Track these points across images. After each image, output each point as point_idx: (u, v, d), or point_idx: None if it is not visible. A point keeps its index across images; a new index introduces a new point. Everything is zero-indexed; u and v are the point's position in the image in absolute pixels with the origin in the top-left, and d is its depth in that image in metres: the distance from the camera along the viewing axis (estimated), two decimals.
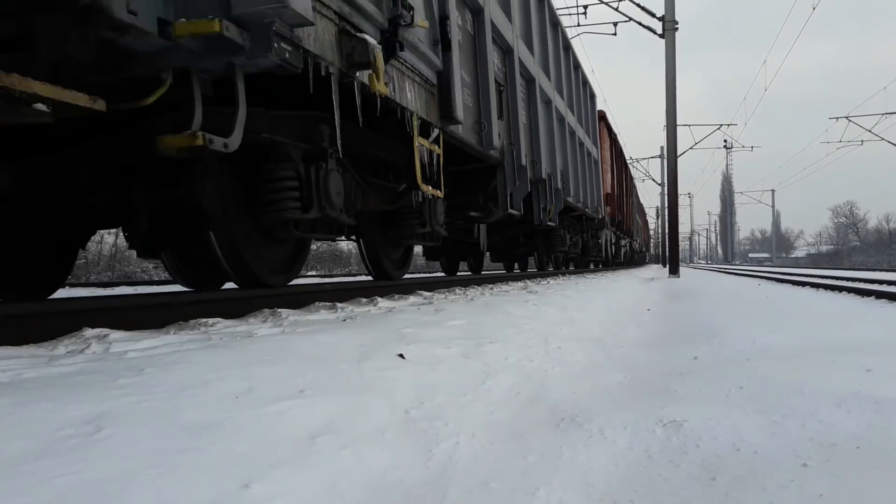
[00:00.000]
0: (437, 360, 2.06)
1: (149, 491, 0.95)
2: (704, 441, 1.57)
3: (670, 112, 14.63)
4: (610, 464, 1.48)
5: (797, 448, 1.48)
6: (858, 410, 1.70)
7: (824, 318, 4.24)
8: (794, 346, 2.90)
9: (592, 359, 2.91)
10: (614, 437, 1.64)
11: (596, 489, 1.35)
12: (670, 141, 14.87)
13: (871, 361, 2.34)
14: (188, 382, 1.35)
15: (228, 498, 1.01)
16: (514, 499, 1.30)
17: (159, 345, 1.84)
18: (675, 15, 14.30)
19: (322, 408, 1.42)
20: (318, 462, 1.22)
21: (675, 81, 14.37)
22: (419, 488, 1.31)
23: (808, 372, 2.24)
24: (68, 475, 0.93)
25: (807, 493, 1.24)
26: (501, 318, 3.12)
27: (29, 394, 1.18)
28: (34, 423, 1.05)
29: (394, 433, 1.48)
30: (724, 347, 3.04)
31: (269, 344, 1.81)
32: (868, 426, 1.58)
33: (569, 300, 4.71)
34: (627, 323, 4.43)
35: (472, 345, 2.36)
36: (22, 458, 0.94)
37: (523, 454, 1.55)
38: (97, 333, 1.96)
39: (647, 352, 3.19)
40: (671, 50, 14.25)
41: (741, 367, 2.47)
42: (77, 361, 1.57)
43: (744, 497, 1.26)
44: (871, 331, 3.45)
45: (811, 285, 9.32)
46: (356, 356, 1.83)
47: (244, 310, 2.86)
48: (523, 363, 2.45)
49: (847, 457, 1.40)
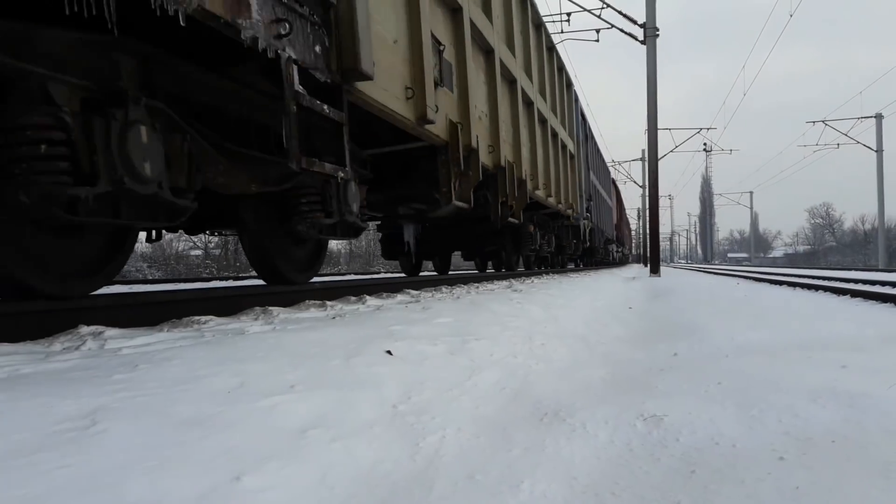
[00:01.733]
0: (424, 357, 2.08)
1: (143, 483, 0.97)
2: (684, 435, 1.61)
3: (651, 116, 14.76)
4: (592, 457, 1.52)
5: (774, 442, 1.52)
6: (834, 405, 1.75)
7: (801, 316, 4.33)
8: (772, 343, 2.97)
9: (575, 355, 2.96)
10: (596, 431, 1.68)
11: (578, 482, 1.38)
12: (651, 144, 15.00)
13: (846, 358, 2.41)
14: (181, 378, 1.36)
15: (220, 490, 1.03)
16: (499, 491, 1.32)
17: (153, 342, 1.85)
18: (656, 22, 14.46)
19: (312, 403, 1.44)
20: (308, 455, 1.24)
21: (655, 86, 14.52)
22: (406, 481, 1.33)
23: (784, 368, 2.30)
24: (64, 468, 0.94)
25: (783, 485, 1.28)
26: (487, 316, 3.16)
27: (26, 389, 1.19)
28: (31, 417, 1.06)
29: (382, 427, 1.51)
30: (704, 344, 3.10)
31: (260, 341, 1.82)
32: (843, 420, 1.64)
33: (553, 298, 4.76)
34: (610, 321, 4.48)
35: (458, 342, 2.39)
36: (19, 452, 0.95)
37: (508, 448, 1.58)
38: (92, 331, 1.96)
39: (628, 348, 3.24)
40: (652, 56, 14.39)
41: (720, 363, 2.53)
42: (73, 358, 1.57)
43: (722, 489, 1.29)
44: (847, 328, 3.55)
45: (788, 284, 9.49)
46: (345, 353, 1.85)
47: (236, 308, 2.86)
48: (508, 359, 2.48)
49: (822, 450, 1.45)
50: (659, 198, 15.37)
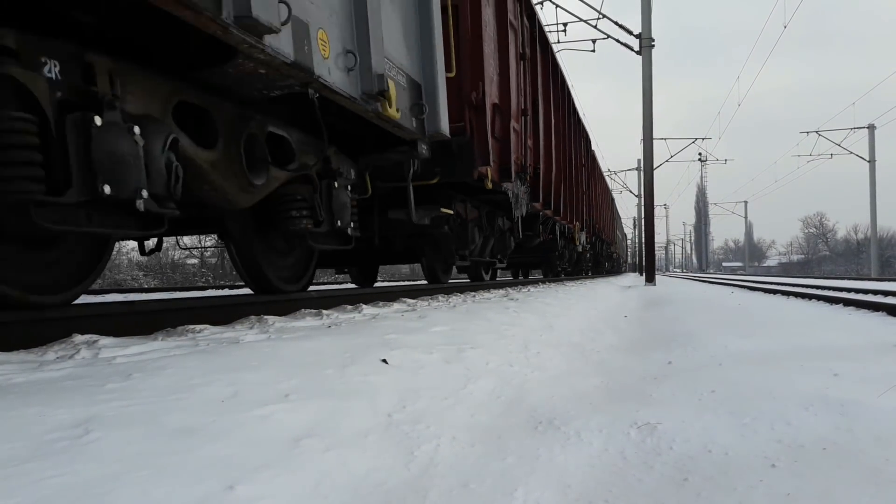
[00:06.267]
0: (419, 366, 2.09)
1: (135, 492, 0.97)
2: (677, 443, 1.62)
3: (647, 126, 14.83)
4: (586, 465, 1.52)
5: (766, 449, 1.53)
6: (825, 413, 1.76)
7: (794, 325, 4.35)
8: (765, 352, 2.98)
9: (571, 364, 2.96)
10: (590, 440, 1.69)
11: (572, 490, 1.38)
12: (647, 154, 15.06)
13: (838, 366, 2.42)
14: (175, 387, 1.36)
15: (213, 499, 1.02)
16: (493, 499, 1.33)
17: (147, 350, 1.84)
18: (652, 33, 14.58)
19: (306, 412, 1.44)
20: (301, 464, 1.23)
21: (651, 96, 14.60)
22: (401, 489, 1.33)
23: (777, 376, 2.31)
24: (57, 477, 0.94)
25: (775, 492, 1.29)
26: (483, 325, 3.16)
27: (18, 398, 1.19)
28: (24, 426, 1.06)
29: (376, 436, 1.51)
30: (698, 353, 3.11)
31: (255, 350, 1.82)
32: (834, 428, 1.64)
33: (548, 307, 4.77)
34: (605, 329, 4.49)
35: (454, 350, 2.39)
36: (11, 461, 0.95)
37: (502, 456, 1.58)
38: (86, 339, 1.95)
39: (623, 357, 3.24)
40: (647, 66, 14.48)
41: (713, 371, 2.54)
42: (66, 366, 1.56)
43: (714, 497, 1.30)
44: (839, 337, 3.56)
45: (782, 293, 9.52)
46: (340, 361, 1.86)
47: (231, 316, 2.86)
48: (503, 368, 2.49)
49: (814, 458, 1.45)
50: (654, 207, 15.43)
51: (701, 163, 36.42)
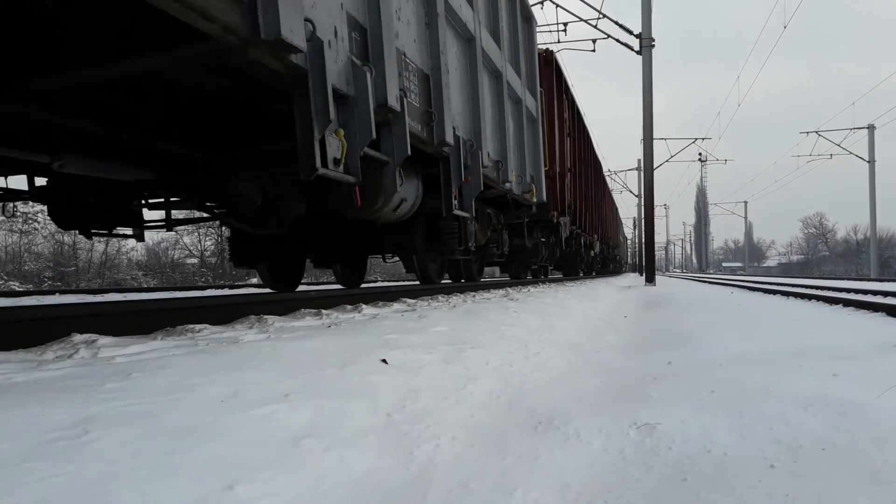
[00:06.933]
0: (419, 366, 2.09)
1: (134, 492, 0.97)
2: (676, 443, 1.62)
3: (647, 126, 14.82)
4: (585, 465, 1.52)
5: (765, 450, 1.53)
6: (824, 413, 1.76)
7: (794, 325, 4.35)
8: (765, 352, 2.98)
9: (570, 364, 2.96)
10: (590, 440, 1.69)
11: (571, 490, 1.38)
12: (647, 154, 15.05)
13: (838, 366, 2.42)
14: (175, 387, 1.36)
15: (213, 499, 1.02)
16: (493, 499, 1.32)
17: (147, 350, 1.84)
18: (652, 32, 14.57)
19: (306, 411, 1.44)
20: (301, 464, 1.23)
21: (651, 96, 14.58)
22: (400, 489, 1.33)
23: (777, 376, 2.31)
24: (55, 477, 0.94)
25: (774, 493, 1.28)
26: (483, 325, 3.16)
27: (17, 397, 1.19)
28: (23, 425, 1.06)
29: (376, 436, 1.51)
30: (697, 353, 3.11)
31: (255, 349, 1.82)
32: (833, 428, 1.64)
33: (548, 307, 4.77)
34: (605, 329, 4.49)
35: (453, 350, 2.39)
36: (10, 460, 0.95)
37: (502, 456, 1.58)
38: (85, 339, 1.95)
39: (623, 357, 3.24)
40: (648, 66, 14.45)
41: (713, 371, 2.53)
42: (65, 366, 1.56)
43: (713, 497, 1.30)
44: (838, 337, 3.56)
45: (782, 293, 9.52)
46: (340, 361, 1.86)
47: (231, 316, 2.86)
48: (503, 368, 2.49)
49: (812, 458, 1.45)
50: (654, 207, 15.42)
51: (701, 163, 36.43)
